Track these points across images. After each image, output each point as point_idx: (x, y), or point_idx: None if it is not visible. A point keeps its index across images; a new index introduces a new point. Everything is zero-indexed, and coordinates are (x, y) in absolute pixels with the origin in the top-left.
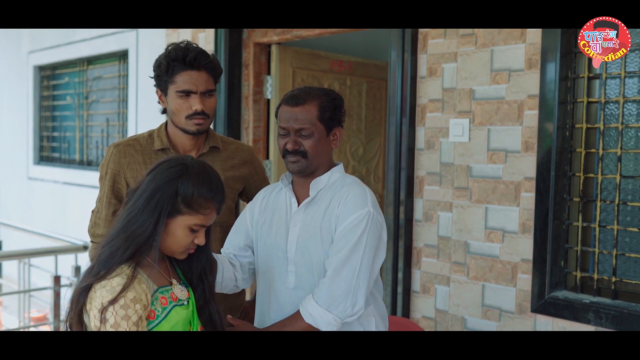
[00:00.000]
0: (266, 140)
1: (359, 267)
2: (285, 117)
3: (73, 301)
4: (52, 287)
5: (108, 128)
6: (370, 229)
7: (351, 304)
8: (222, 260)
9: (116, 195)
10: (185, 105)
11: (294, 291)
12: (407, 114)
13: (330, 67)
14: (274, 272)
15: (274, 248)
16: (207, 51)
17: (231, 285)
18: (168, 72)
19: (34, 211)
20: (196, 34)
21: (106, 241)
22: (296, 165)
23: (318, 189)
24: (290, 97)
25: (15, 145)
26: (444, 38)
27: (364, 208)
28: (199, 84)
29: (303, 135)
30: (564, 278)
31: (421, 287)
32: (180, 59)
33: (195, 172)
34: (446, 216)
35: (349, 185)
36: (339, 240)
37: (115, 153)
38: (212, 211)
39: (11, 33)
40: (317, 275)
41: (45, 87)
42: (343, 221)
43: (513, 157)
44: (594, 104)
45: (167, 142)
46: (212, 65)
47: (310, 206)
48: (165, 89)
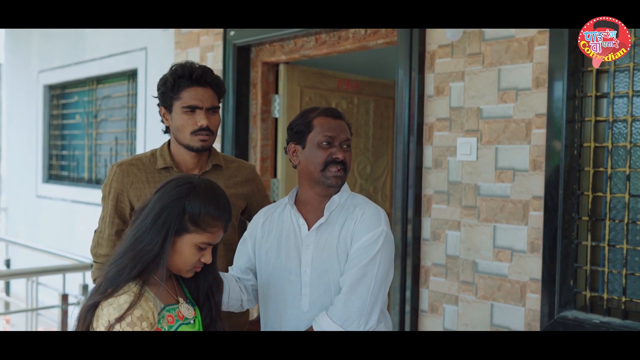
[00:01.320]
0: (274, 158)
1: (373, 284)
2: (331, 127)
3: (80, 319)
4: (60, 306)
5: (117, 146)
6: (384, 247)
7: (365, 321)
8: (229, 279)
9: (119, 214)
10: (190, 121)
11: (308, 314)
12: (415, 132)
13: (337, 86)
14: (286, 295)
15: (285, 271)
16: (216, 70)
17: (237, 304)
18: (174, 88)
19: (42, 229)
20: (205, 53)
21: (114, 259)
22: (340, 179)
23: (331, 210)
24: (330, 110)
25: (25, 163)
26: (451, 57)
27: (379, 227)
28: (204, 100)
29: (344, 147)
30: (573, 298)
31: (429, 307)
32: (186, 76)
33: (202, 191)
34: (454, 235)
35: (361, 204)
36: (354, 258)
37: (119, 172)
38: (219, 229)
39: (21, 52)
40: (335, 295)
41: (55, 106)
42: (359, 239)
43: (521, 176)
44: (601, 122)
45: (170, 161)
46: (217, 82)
47: (322, 227)
48: (170, 105)
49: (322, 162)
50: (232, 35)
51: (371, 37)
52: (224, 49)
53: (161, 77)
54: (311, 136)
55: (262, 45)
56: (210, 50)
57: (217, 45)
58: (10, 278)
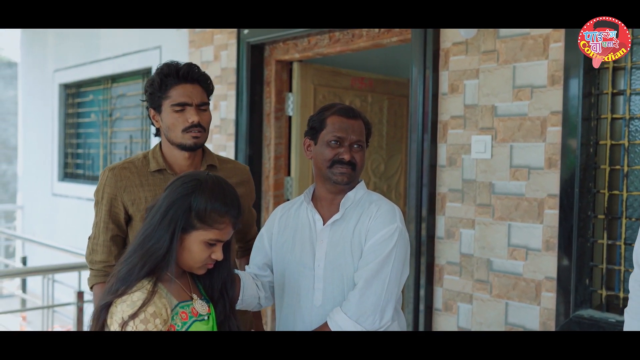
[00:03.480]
0: (287, 157)
1: (388, 281)
2: (342, 127)
3: (94, 318)
4: (75, 303)
5: (131, 145)
6: (399, 243)
7: (379, 317)
8: (245, 277)
9: (114, 219)
10: (181, 119)
11: (321, 308)
12: (429, 130)
13: (351, 85)
14: (300, 290)
15: (300, 266)
16: (230, 69)
17: (254, 303)
18: (162, 87)
19: (58, 227)
20: (219, 51)
21: (124, 258)
22: (346, 177)
23: (346, 207)
24: (345, 109)
25: (41, 162)
26: (465, 55)
27: (394, 223)
28: (193, 96)
29: (355, 148)
30: (589, 296)
31: (443, 305)
32: (173, 74)
33: (209, 187)
34: (468, 233)
35: (377, 201)
36: (369, 254)
37: (111, 177)
38: (227, 226)
39: (37, 52)
40: (348, 291)
41: (70, 104)
42: (374, 235)
43: (536, 174)
44: (618, 120)
45: (162, 163)
46: (204, 77)
47: (337, 223)
48: (159, 106)
49: (329, 160)
50: (246, 33)
51: (385, 35)
52: (237, 47)
53: (147, 79)
54: (323, 134)
55: (276, 44)
56: (224, 49)
57: (230, 44)
58: (26, 275)
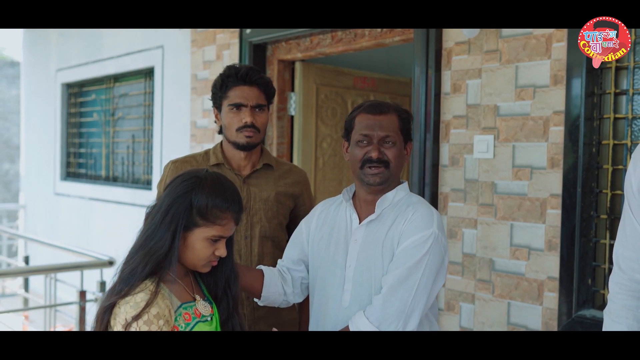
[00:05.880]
0: (290, 156)
1: (416, 288)
2: (369, 124)
3: (97, 319)
4: (78, 302)
5: (134, 144)
6: (433, 250)
7: (403, 324)
8: (269, 273)
9: None
10: (236, 119)
11: (348, 310)
12: (431, 130)
13: (353, 84)
14: (329, 289)
15: (332, 264)
16: None
17: (280, 299)
18: (222, 88)
19: (60, 226)
20: (221, 50)
21: (127, 258)
22: (378, 177)
23: (383, 207)
24: (372, 106)
25: (43, 161)
26: (467, 54)
27: (429, 229)
28: (249, 98)
29: (386, 144)
30: (591, 296)
31: (445, 305)
32: (233, 75)
33: (208, 184)
34: (471, 233)
35: (415, 204)
36: (399, 258)
37: (173, 169)
38: (228, 221)
39: (39, 51)
40: (375, 294)
41: (73, 104)
42: (406, 239)
43: (539, 174)
44: (620, 120)
45: (222, 158)
46: (263, 81)
47: (372, 224)
48: (220, 105)
49: (360, 161)
50: (249, 33)
51: (387, 34)
52: (240, 46)
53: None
54: (353, 134)
55: (278, 43)
56: (227, 48)
57: (233, 43)
58: (29, 275)
